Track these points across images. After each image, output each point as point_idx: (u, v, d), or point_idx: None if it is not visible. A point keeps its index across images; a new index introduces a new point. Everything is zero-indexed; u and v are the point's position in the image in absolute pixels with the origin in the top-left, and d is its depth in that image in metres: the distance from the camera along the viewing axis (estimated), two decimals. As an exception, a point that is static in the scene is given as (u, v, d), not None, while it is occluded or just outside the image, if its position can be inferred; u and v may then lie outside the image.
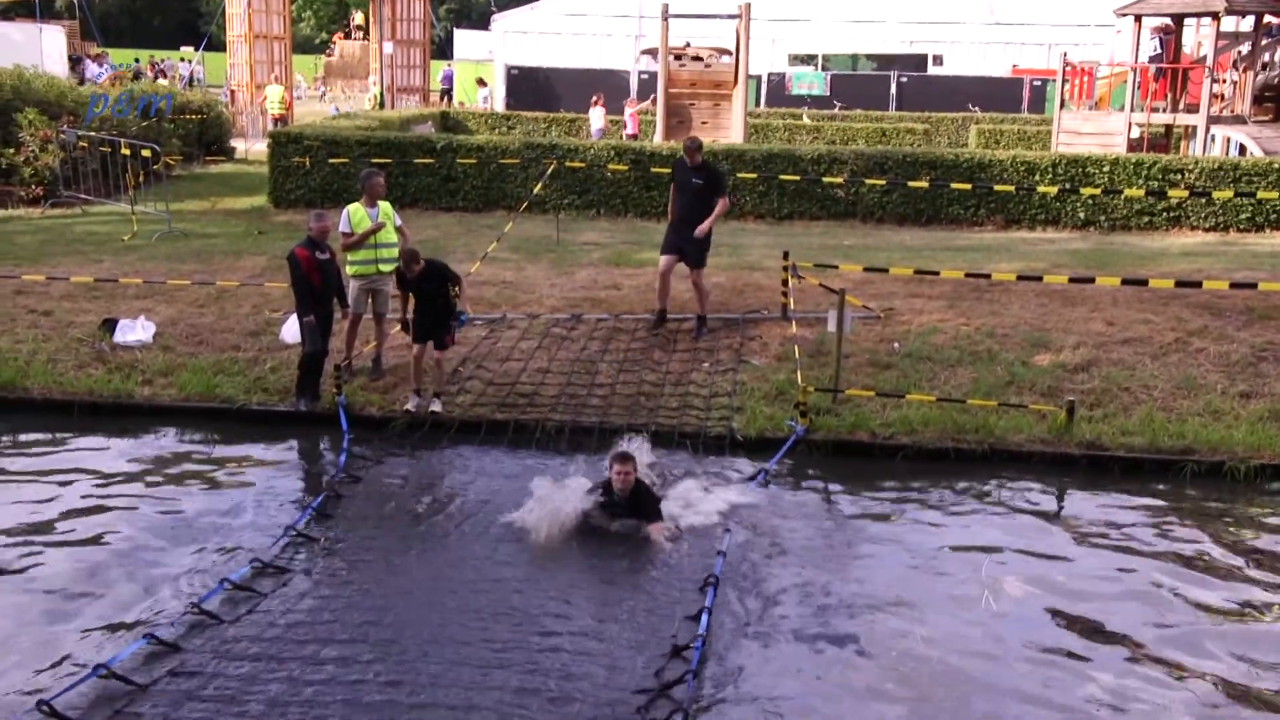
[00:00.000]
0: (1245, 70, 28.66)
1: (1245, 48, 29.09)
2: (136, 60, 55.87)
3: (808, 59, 51.27)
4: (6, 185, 23.90)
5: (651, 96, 36.05)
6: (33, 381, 13.33)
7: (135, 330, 14.58)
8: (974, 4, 48.81)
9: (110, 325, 14.67)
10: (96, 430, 12.56)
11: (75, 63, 43.56)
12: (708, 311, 15.03)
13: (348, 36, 68.01)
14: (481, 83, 48.00)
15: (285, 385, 13.14)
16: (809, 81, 47.19)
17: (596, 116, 34.39)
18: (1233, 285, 14.71)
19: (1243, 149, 26.96)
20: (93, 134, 23.22)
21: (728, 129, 28.85)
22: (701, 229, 14.51)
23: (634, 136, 32.98)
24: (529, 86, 45.25)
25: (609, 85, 41.67)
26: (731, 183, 23.26)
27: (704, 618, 8.46)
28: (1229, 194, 22.20)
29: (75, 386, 13.27)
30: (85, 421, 12.76)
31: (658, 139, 28.66)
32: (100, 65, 41.22)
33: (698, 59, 30.33)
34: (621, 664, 7.98)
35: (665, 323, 15.04)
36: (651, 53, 37.97)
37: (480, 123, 39.31)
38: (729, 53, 29.90)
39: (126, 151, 21.86)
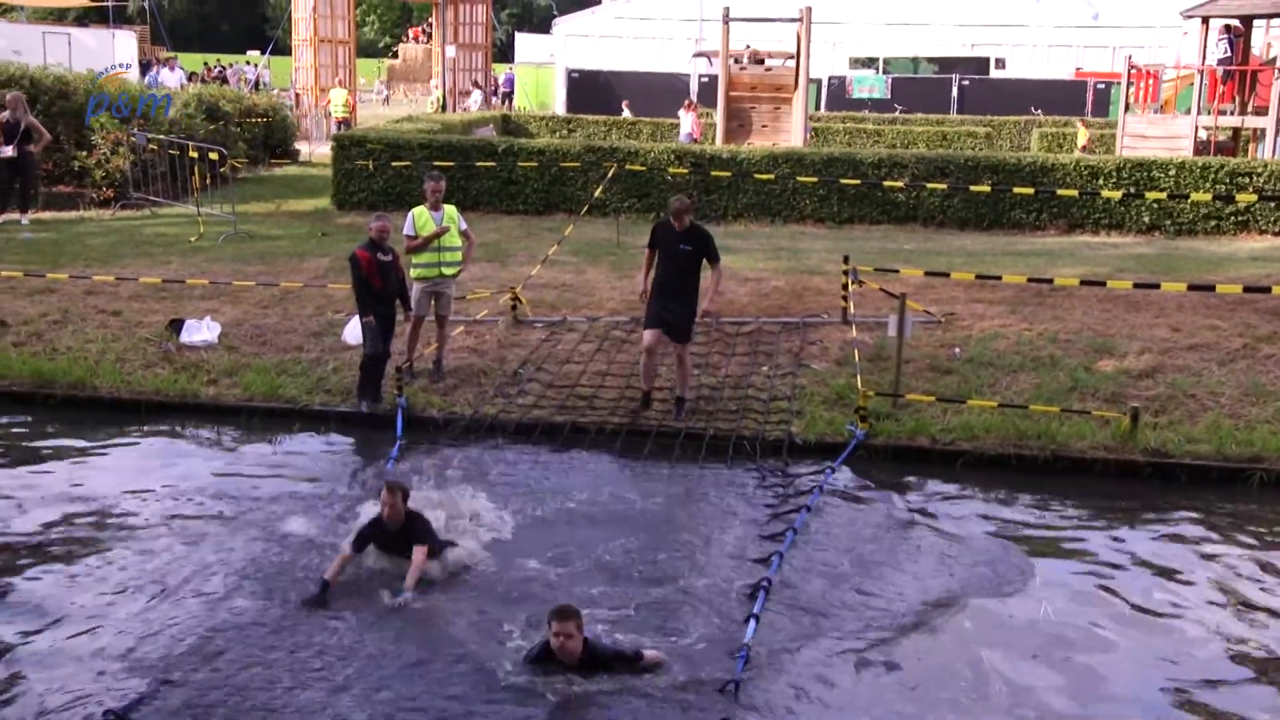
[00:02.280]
0: (1315, 72, 28.12)
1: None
2: (209, 63, 56.47)
3: (868, 62, 51.04)
4: (79, 187, 24.26)
5: (687, 101, 36.06)
6: (101, 380, 13.46)
7: (201, 331, 14.72)
8: (1036, 6, 48.34)
9: (177, 326, 14.81)
10: (162, 429, 12.69)
11: (144, 68, 44.15)
12: (687, 391, 12.89)
13: (429, 38, 68.15)
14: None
15: (347, 386, 13.20)
16: (870, 85, 46.96)
17: (687, 121, 34.37)
18: (1303, 291, 14.43)
19: (1312, 152, 26.48)
20: (162, 137, 23.48)
21: (788, 133, 28.73)
22: (710, 307, 12.83)
23: (696, 140, 32.93)
24: (589, 89, 45.32)
25: (670, 88, 41.66)
26: (792, 186, 23.21)
27: (751, 624, 8.42)
28: (1298, 198, 21.81)
29: (142, 385, 13.40)
30: (151, 420, 12.87)
31: (718, 142, 28.59)
32: (172, 70, 41.77)
33: (759, 62, 30.23)
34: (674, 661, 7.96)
35: (651, 405, 12.83)
36: (709, 55, 37.89)
37: (541, 126, 39.42)
38: (790, 56, 29.77)
39: (194, 155, 22.08)
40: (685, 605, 8.87)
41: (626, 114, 41.79)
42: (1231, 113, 28.50)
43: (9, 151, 21.09)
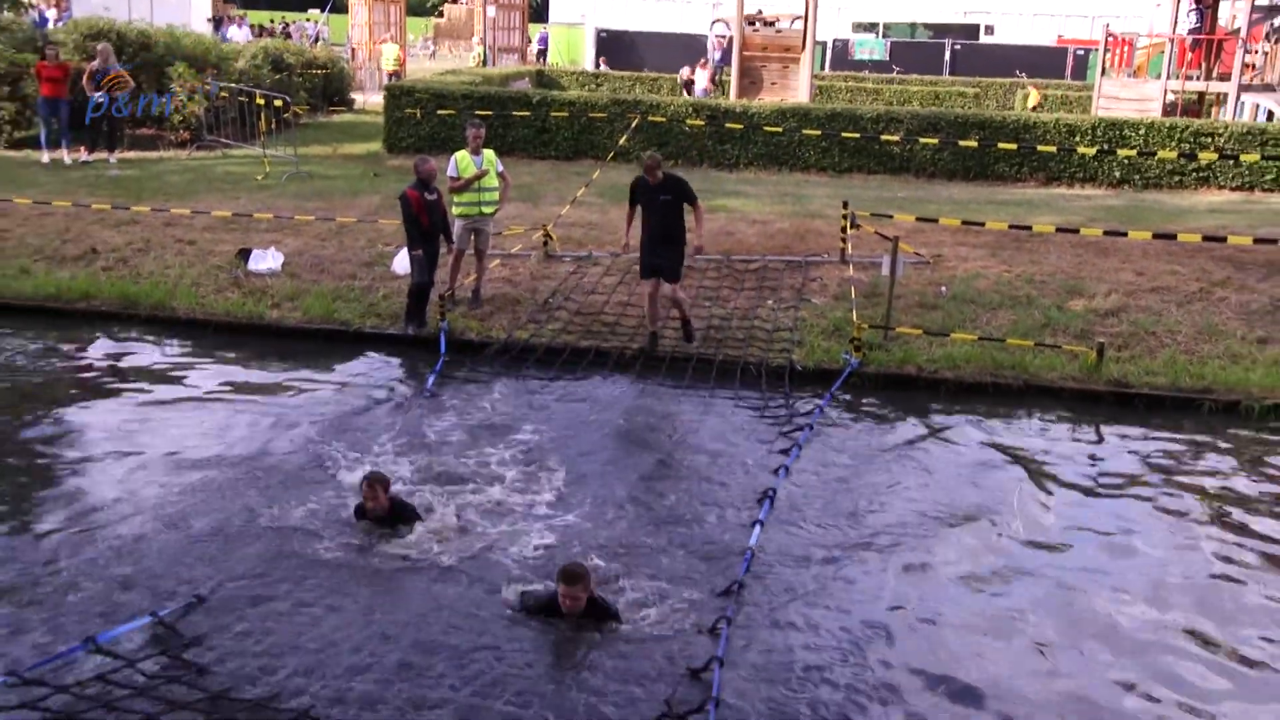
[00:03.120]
0: (1276, 42, 27.72)
1: (1278, 20, 28.11)
2: (274, 19, 55.93)
3: (869, 27, 50.35)
4: (159, 130, 24.20)
5: (702, 59, 35.62)
6: (178, 302, 13.54)
7: (266, 259, 14.75)
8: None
9: (245, 254, 14.85)
10: (231, 346, 12.76)
11: (217, 24, 43.77)
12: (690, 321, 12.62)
13: None
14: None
15: (395, 311, 13.24)
16: (870, 47, 46.39)
17: (701, 78, 34.00)
18: (1256, 240, 14.30)
19: (1270, 115, 26.19)
20: (233, 85, 23.38)
21: (795, 90, 28.44)
22: (699, 242, 12.65)
23: (709, 94, 32.59)
24: (616, 47, 44.90)
25: (689, 48, 41.18)
26: (798, 138, 23.03)
27: (756, 529, 8.50)
28: (1255, 157, 21.59)
29: (214, 307, 13.47)
30: (222, 338, 12.96)
31: (732, 97, 28.33)
32: (240, 26, 41.36)
33: (770, 24, 29.87)
34: (678, 573, 8.04)
35: (658, 344, 12.50)
36: (727, 21, 37.46)
37: (572, 80, 39.06)
38: (798, 19, 29.39)
39: (261, 102, 21.98)
40: (695, 513, 8.93)
41: (604, 69, 41.35)
42: (1198, 78, 28.10)
43: (99, 97, 21.06)
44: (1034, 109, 32.94)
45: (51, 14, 31.54)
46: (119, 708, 6.12)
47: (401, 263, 14.17)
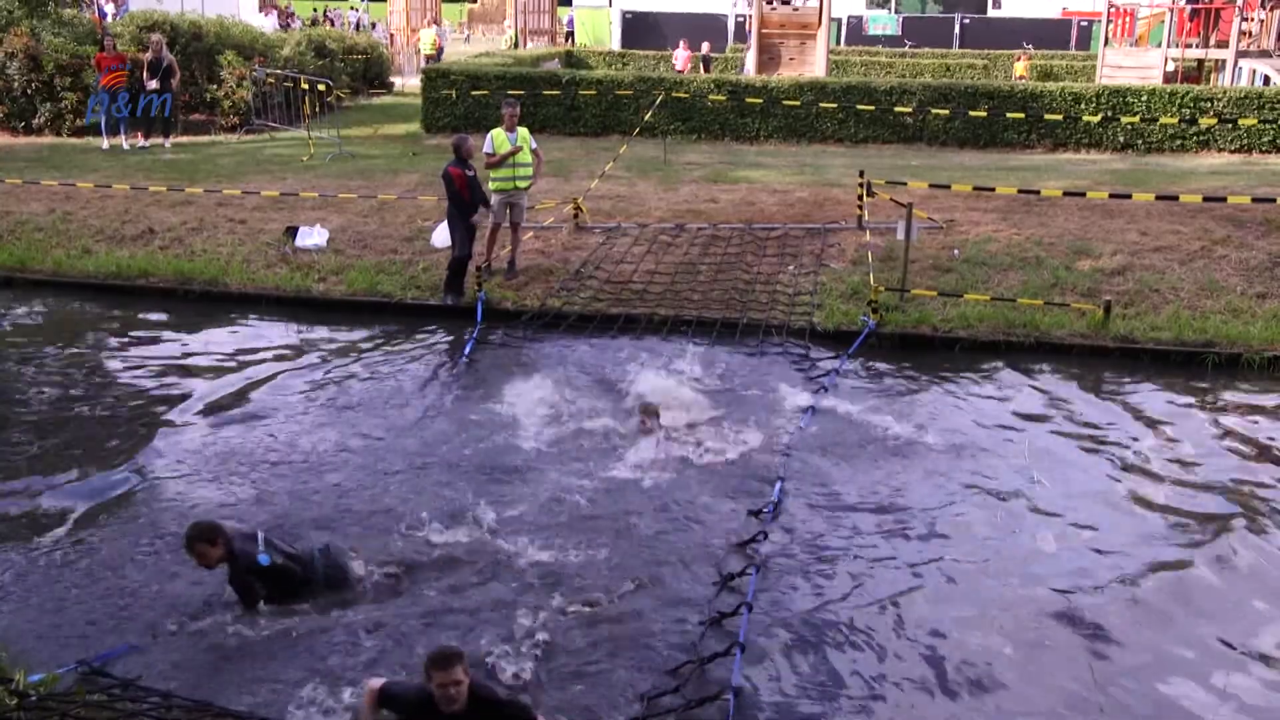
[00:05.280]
0: (1272, 9, 27.15)
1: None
2: (317, 8, 55.79)
3: (882, 3, 49.72)
4: (210, 115, 24.14)
5: (748, 43, 35.20)
6: (231, 278, 13.55)
7: (312, 236, 14.70)
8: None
9: (292, 232, 14.80)
10: (281, 318, 12.78)
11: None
12: None
13: None
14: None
15: (435, 283, 13.18)
16: (883, 23, 45.81)
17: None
18: (1254, 200, 14.09)
19: (1267, 80, 25.68)
20: (279, 71, 23.29)
21: (812, 65, 28.11)
22: None
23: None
24: (640, 28, 44.58)
25: (710, 28, 40.77)
26: (815, 111, 22.77)
27: (779, 484, 8.49)
28: (1253, 120, 21.21)
29: (265, 282, 13.46)
30: (272, 311, 12.98)
31: (751, 72, 28.02)
32: (268, 15, 41.15)
33: (786, 2, 29.49)
34: (711, 513, 7.99)
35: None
36: (748, -1, 37.08)
37: (599, 60, 38.77)
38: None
39: (305, 86, 21.89)
40: (727, 455, 8.99)
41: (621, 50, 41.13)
42: (1196, 46, 27.60)
43: (153, 85, 21.01)
44: (1019, 79, 32.58)
45: (110, 8, 31.52)
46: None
47: (440, 237, 14.09)
